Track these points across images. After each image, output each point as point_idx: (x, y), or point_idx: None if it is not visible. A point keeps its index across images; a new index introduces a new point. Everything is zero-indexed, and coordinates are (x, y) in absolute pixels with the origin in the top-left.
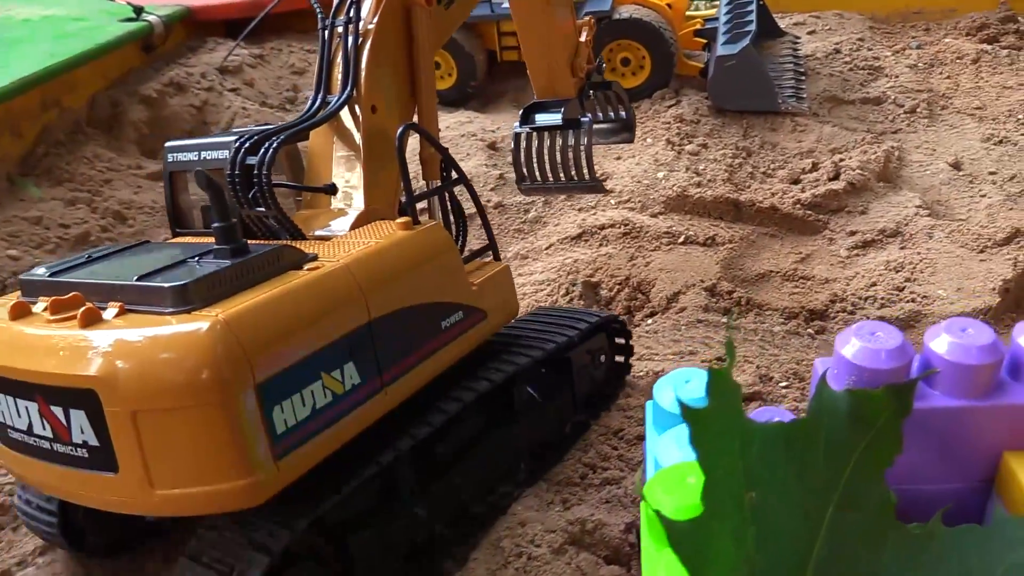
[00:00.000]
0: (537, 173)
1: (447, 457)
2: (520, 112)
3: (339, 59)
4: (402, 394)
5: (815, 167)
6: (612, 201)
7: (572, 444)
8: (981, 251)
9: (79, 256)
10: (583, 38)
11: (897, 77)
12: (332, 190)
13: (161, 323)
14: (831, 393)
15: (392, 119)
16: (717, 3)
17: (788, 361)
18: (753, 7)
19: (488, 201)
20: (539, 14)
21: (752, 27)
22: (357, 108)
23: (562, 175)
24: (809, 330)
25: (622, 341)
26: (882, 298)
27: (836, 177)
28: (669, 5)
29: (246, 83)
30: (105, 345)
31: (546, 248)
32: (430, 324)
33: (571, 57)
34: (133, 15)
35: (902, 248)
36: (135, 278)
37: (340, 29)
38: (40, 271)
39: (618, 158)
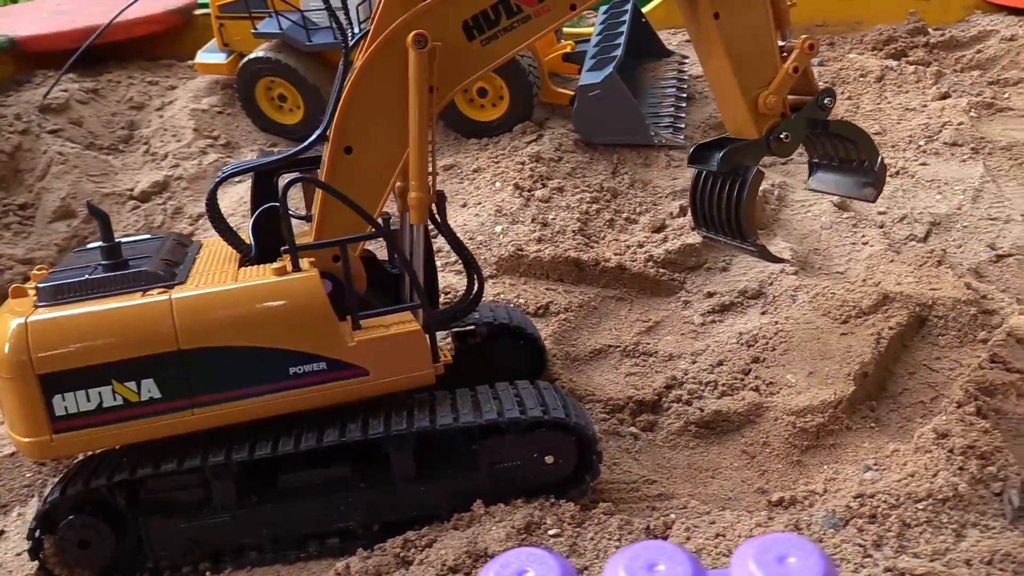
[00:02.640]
0: (707, 220)
1: (287, 490)
2: (695, 146)
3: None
4: (219, 420)
5: (683, 211)
6: (439, 263)
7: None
8: (844, 321)
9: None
10: (791, 66)
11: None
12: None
13: (18, 314)
14: None
15: (370, 163)
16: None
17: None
18: (624, 28)
19: None
20: (707, 40)
21: (619, 52)
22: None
23: (726, 229)
24: (632, 428)
25: None
26: (724, 383)
27: (660, 229)
28: None
29: (73, 122)
30: None
31: None
32: (271, 367)
33: (756, 89)
34: None
35: (763, 313)
36: (51, 272)
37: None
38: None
39: (464, 205)
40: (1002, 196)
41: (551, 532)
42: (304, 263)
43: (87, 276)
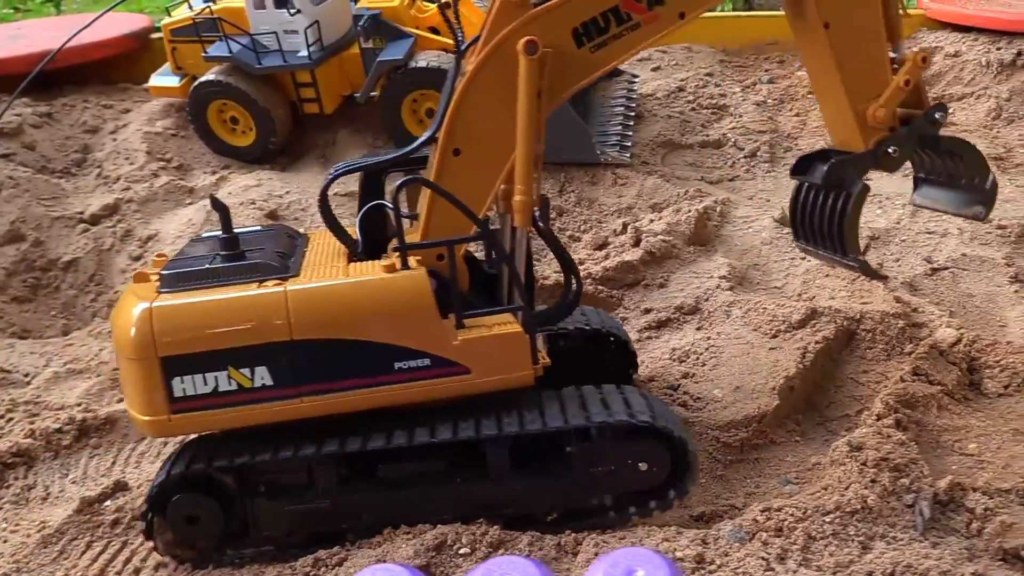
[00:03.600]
0: (807, 233)
1: (386, 480)
2: (798, 157)
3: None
4: (326, 409)
5: (626, 228)
6: None
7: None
8: (774, 335)
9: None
10: (902, 79)
11: (741, 116)
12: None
13: (142, 298)
14: None
15: (477, 165)
16: None
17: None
18: None
19: None
20: (816, 50)
21: None
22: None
23: (828, 243)
24: None
25: None
26: None
27: (637, 244)
28: None
29: (25, 146)
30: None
31: None
32: (377, 361)
33: (866, 101)
34: None
35: (698, 328)
36: (171, 260)
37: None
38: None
39: None
40: None
41: (462, 551)
42: (411, 261)
43: (208, 265)
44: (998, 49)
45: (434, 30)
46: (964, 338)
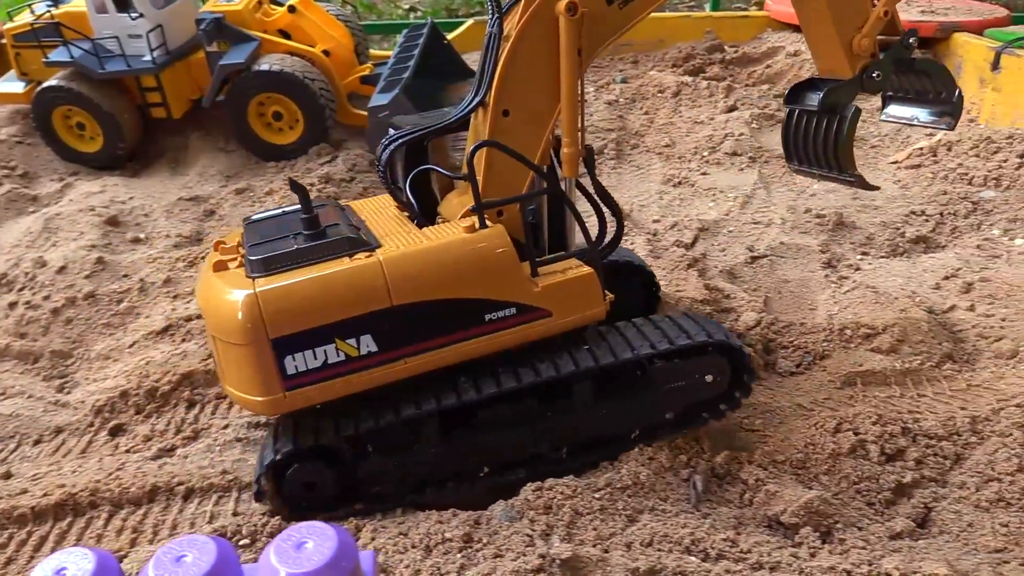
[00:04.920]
0: (801, 156)
1: (484, 424)
2: (790, 87)
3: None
4: (428, 366)
5: None
6: None
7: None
8: None
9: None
10: (881, 10)
11: (592, 116)
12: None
13: (239, 286)
14: None
15: (526, 123)
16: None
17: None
18: (416, 50)
19: (79, 290)
20: None
21: (407, 73)
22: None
23: (823, 163)
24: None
25: None
26: None
27: None
28: (326, 52)
29: None
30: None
31: (130, 346)
32: (470, 315)
33: (851, 32)
34: None
35: None
36: (249, 246)
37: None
38: None
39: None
40: (770, 201)
41: (243, 543)
42: (473, 220)
43: (295, 246)
44: None
45: (284, 33)
46: (763, 321)
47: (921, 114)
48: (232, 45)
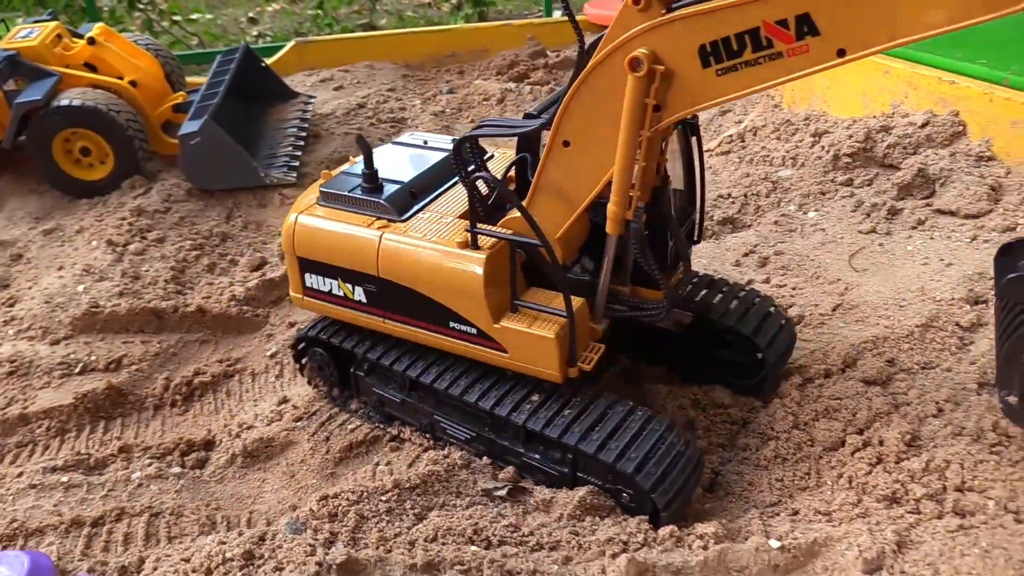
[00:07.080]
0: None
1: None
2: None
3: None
4: (403, 335)
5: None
6: (11, 332)
7: None
8: None
9: None
10: None
11: (418, 127)
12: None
13: (302, 208)
14: None
15: (587, 160)
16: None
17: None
18: (226, 77)
19: None
20: None
21: (216, 100)
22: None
23: None
24: (180, 467)
25: None
26: (271, 413)
27: (260, 267)
28: (133, 83)
29: None
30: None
31: None
32: (438, 316)
33: None
34: None
35: None
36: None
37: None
38: None
39: (60, 268)
40: None
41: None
42: (484, 241)
43: (348, 192)
44: None
45: (90, 66)
46: None
47: None
48: (29, 82)
